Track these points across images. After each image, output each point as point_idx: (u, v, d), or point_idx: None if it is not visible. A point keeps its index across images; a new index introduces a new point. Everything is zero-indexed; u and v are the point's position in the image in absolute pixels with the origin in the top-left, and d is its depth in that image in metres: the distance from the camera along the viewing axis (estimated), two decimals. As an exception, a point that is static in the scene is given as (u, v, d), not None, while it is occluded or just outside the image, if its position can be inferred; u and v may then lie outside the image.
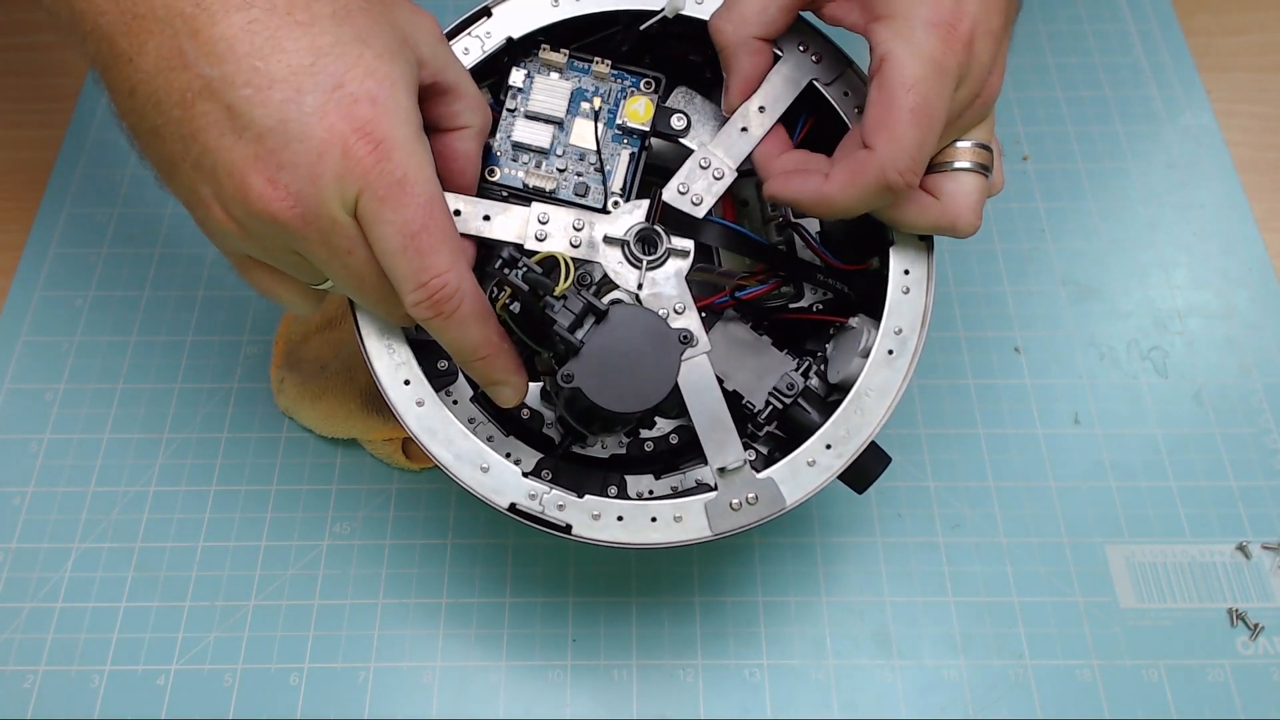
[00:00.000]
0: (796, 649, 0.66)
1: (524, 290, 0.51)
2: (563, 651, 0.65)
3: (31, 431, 0.72)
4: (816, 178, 0.52)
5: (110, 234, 0.80)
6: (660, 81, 0.59)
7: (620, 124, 0.59)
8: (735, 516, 0.53)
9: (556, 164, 0.58)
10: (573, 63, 0.59)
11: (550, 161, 0.58)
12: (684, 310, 0.55)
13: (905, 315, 0.56)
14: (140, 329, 0.76)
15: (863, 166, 0.50)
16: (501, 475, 0.53)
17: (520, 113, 0.58)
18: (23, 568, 0.67)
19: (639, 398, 0.50)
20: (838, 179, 0.51)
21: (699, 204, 0.56)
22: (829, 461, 0.54)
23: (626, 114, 0.58)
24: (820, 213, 0.53)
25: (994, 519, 0.70)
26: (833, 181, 0.51)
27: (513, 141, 0.57)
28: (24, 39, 0.91)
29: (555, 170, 0.58)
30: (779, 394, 0.57)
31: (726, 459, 0.53)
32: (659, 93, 0.59)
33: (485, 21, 0.58)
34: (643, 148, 0.59)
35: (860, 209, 0.52)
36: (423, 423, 0.53)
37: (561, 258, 0.53)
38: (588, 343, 0.50)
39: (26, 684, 0.63)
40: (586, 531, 0.53)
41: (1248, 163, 0.84)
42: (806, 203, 0.52)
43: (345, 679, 0.64)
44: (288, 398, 0.71)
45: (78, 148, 0.84)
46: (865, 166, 0.49)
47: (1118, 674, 0.65)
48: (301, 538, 0.69)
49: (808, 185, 0.52)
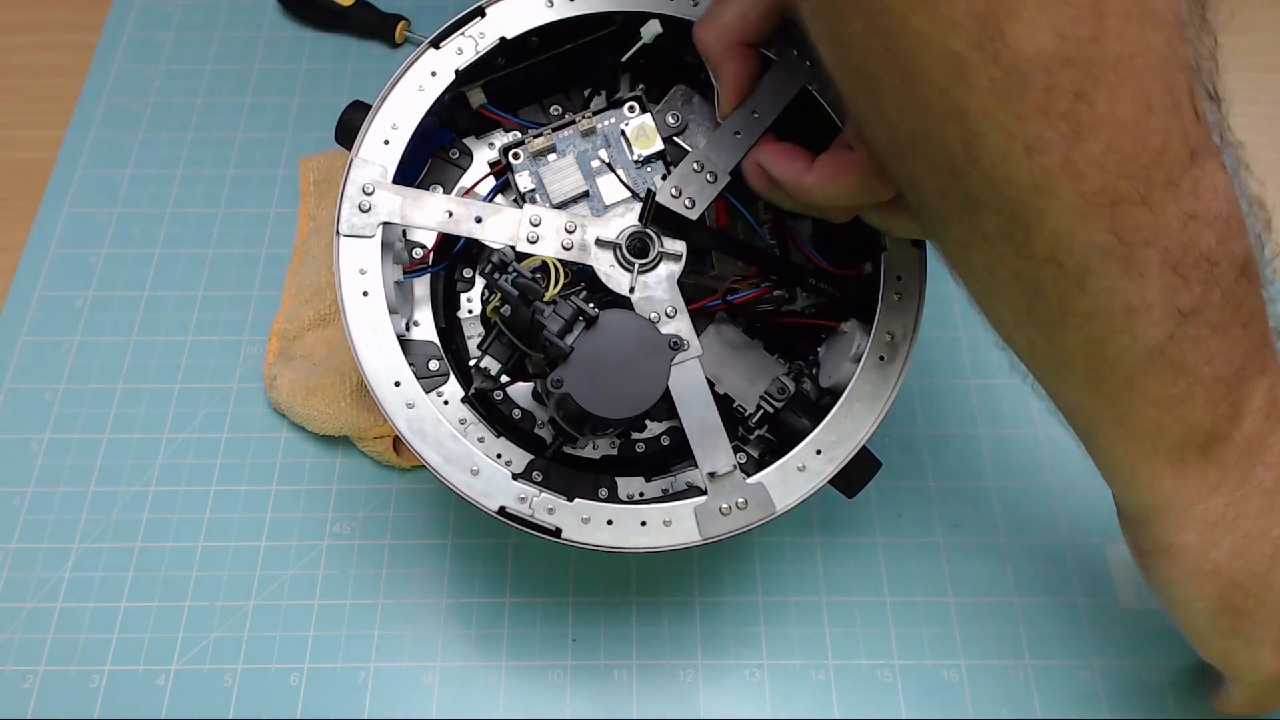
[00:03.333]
0: (796, 649, 0.65)
1: (513, 295, 0.51)
2: (563, 651, 0.65)
3: (31, 431, 0.72)
4: (800, 164, 0.52)
5: (110, 234, 0.80)
6: (641, 99, 0.60)
7: (636, 158, 0.59)
8: (724, 521, 0.53)
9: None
10: (559, 134, 0.59)
11: None
12: (675, 314, 0.55)
13: (897, 321, 0.55)
14: (140, 329, 0.76)
15: (846, 165, 0.50)
16: (491, 478, 0.53)
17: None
18: (23, 568, 0.67)
19: (628, 404, 0.50)
20: (819, 171, 0.51)
21: (692, 207, 0.55)
22: (819, 467, 0.54)
23: (635, 145, 0.59)
24: (797, 199, 0.53)
25: (994, 519, 0.69)
26: (814, 173, 0.51)
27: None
28: (24, 39, 0.91)
29: None
30: (770, 398, 0.57)
31: (716, 464, 0.53)
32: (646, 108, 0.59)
33: (479, 22, 0.58)
34: (668, 163, 0.60)
35: (836, 204, 0.52)
36: (412, 425, 0.53)
37: (551, 263, 0.52)
38: (577, 348, 0.50)
39: (26, 684, 0.64)
40: (576, 535, 0.53)
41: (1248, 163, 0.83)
42: (784, 183, 0.52)
43: (345, 679, 0.64)
44: (280, 394, 0.71)
45: (78, 148, 0.84)
46: (848, 165, 0.50)
47: (1118, 674, 0.65)
48: (301, 538, 0.68)
49: (789, 167, 0.52)
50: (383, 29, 0.89)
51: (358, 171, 0.56)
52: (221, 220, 0.81)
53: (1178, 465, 0.47)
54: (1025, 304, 0.44)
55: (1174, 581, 0.50)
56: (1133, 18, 0.37)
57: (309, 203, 0.80)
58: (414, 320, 0.61)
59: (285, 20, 0.91)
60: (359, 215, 0.55)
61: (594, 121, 0.59)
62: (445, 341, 0.61)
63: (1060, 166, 0.39)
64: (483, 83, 0.61)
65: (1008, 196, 0.40)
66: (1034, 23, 0.36)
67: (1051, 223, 0.40)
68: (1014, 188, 0.40)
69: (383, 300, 0.54)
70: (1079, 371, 0.45)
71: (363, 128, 0.56)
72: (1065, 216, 0.40)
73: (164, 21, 0.91)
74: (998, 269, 0.43)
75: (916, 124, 0.41)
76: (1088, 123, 0.38)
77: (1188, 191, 0.41)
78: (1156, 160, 0.39)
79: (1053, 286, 0.42)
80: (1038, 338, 0.45)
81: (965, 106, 0.38)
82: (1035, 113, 0.38)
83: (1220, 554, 0.48)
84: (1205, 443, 0.47)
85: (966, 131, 0.39)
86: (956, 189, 0.42)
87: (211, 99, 0.87)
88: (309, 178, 0.81)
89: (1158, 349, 0.43)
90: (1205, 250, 0.42)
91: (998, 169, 0.39)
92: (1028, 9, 0.36)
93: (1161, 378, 0.44)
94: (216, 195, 0.82)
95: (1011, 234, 0.41)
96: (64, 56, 0.89)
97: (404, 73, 0.57)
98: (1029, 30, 0.36)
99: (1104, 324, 0.43)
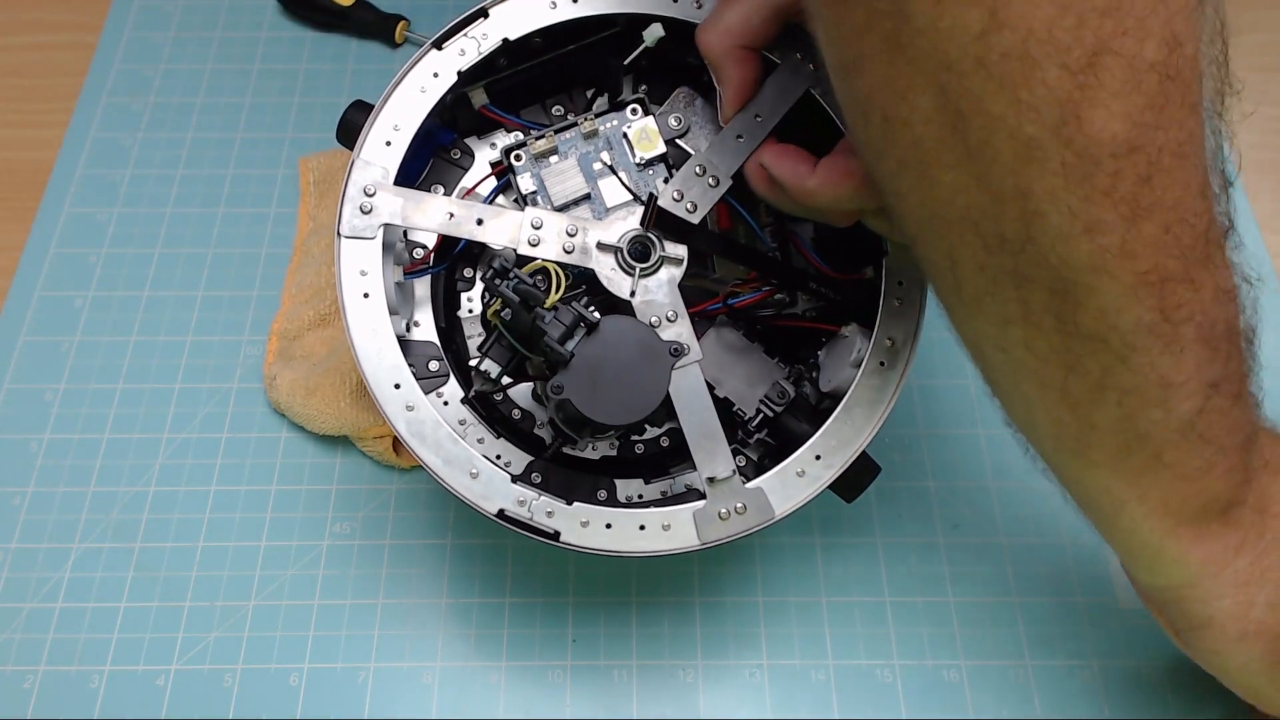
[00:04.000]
0: (796, 649, 0.65)
1: (514, 301, 0.51)
2: (563, 651, 0.65)
3: (31, 431, 0.72)
4: (803, 167, 0.52)
5: (110, 234, 0.80)
6: (644, 101, 0.60)
7: (638, 161, 0.59)
8: (723, 526, 0.53)
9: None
10: (561, 136, 0.59)
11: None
12: (676, 318, 0.55)
13: (898, 326, 0.55)
14: (140, 329, 0.76)
15: (849, 169, 0.50)
16: (490, 481, 0.53)
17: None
18: (23, 568, 0.67)
19: (628, 410, 0.50)
20: (822, 175, 0.51)
21: (694, 211, 0.55)
22: (818, 472, 0.54)
23: (638, 148, 0.59)
24: (799, 202, 0.53)
25: (994, 519, 0.70)
26: (817, 176, 0.51)
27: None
28: (24, 39, 0.91)
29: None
30: (770, 402, 0.57)
31: (716, 469, 0.53)
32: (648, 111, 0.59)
33: (482, 23, 0.58)
34: (670, 166, 0.59)
35: (839, 208, 0.52)
36: (412, 427, 0.53)
37: (552, 269, 0.52)
38: (578, 354, 0.50)
39: (26, 684, 0.64)
40: (574, 539, 0.53)
41: (1248, 163, 0.83)
42: (787, 186, 0.53)
43: (345, 679, 0.64)
44: (279, 394, 0.71)
45: (78, 148, 0.84)
46: (852, 170, 0.50)
47: (1118, 674, 0.65)
48: (301, 538, 0.69)
49: (792, 170, 0.52)
50: (383, 29, 0.89)
51: (359, 173, 0.56)
52: (221, 220, 0.81)
53: (1201, 535, 0.48)
54: (1060, 379, 0.44)
55: (1222, 652, 0.51)
56: (1187, 106, 0.38)
57: (309, 202, 0.80)
58: (414, 320, 0.61)
59: (285, 20, 0.91)
60: (360, 217, 0.55)
61: (596, 124, 0.59)
62: (446, 341, 0.61)
63: (1118, 247, 0.39)
64: (485, 83, 0.61)
65: (1062, 275, 0.40)
66: (1110, 109, 0.37)
67: (1101, 299, 0.41)
68: (1069, 267, 0.40)
69: (383, 302, 0.54)
70: (1108, 449, 0.46)
71: (364, 129, 0.56)
72: (1117, 294, 0.40)
73: (164, 21, 0.91)
74: (1037, 344, 0.44)
75: (973, 200, 0.41)
76: (1146, 206, 0.39)
77: (1220, 267, 0.42)
78: (1201, 240, 0.41)
79: (1094, 362, 0.43)
80: (1067, 416, 0.46)
81: (1031, 187, 0.39)
82: (1100, 195, 0.38)
83: (1259, 611, 0.49)
84: (1224, 509, 0.48)
85: (1028, 210, 0.39)
86: (1005, 265, 0.42)
87: (211, 99, 0.87)
88: (309, 178, 0.81)
89: (1188, 423, 0.44)
90: (1230, 323, 0.43)
91: (1056, 248, 0.40)
92: (1106, 96, 0.37)
93: (1190, 450, 0.45)
94: (216, 195, 0.82)
95: (1059, 310, 0.42)
96: (64, 56, 0.89)
97: (406, 73, 0.57)
98: (1105, 117, 0.37)
99: (1139, 399, 0.43)
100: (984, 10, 0.36)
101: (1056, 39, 0.36)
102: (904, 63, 0.39)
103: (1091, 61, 0.36)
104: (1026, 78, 0.36)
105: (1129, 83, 0.37)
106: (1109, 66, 0.36)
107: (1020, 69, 0.36)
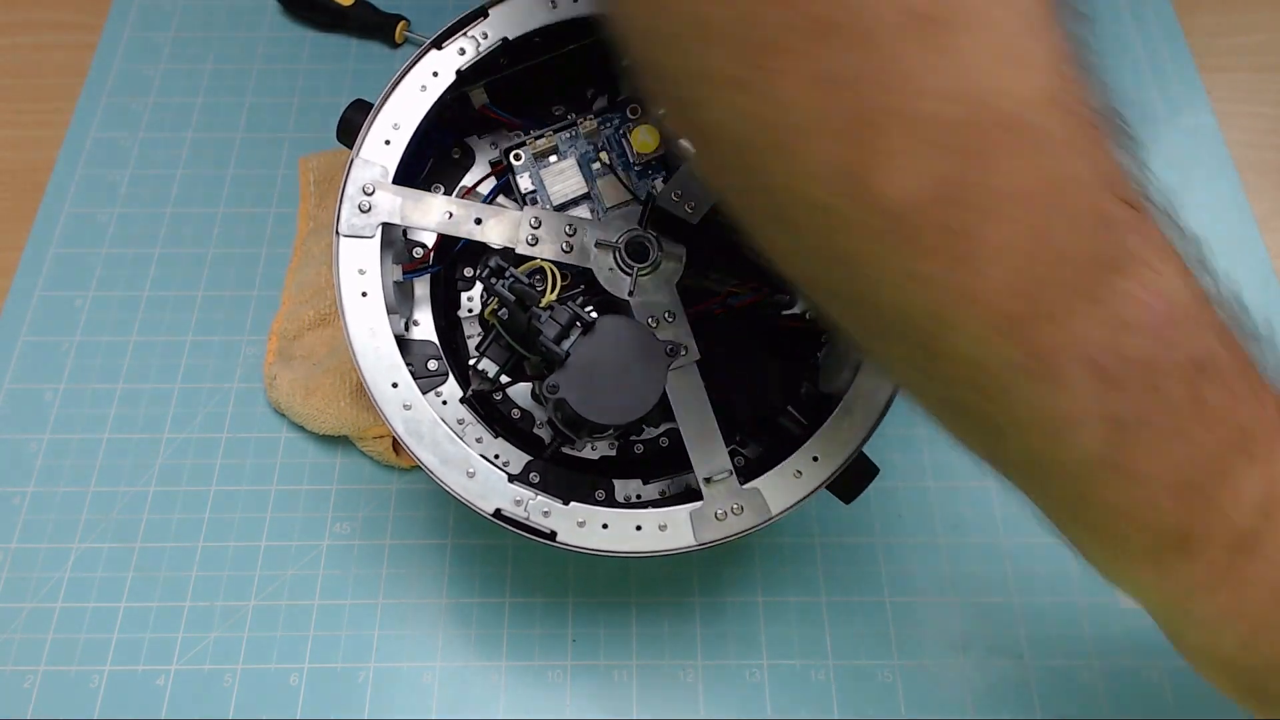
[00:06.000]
0: (796, 649, 0.65)
1: (510, 300, 0.51)
2: (563, 651, 0.65)
3: (31, 431, 0.72)
4: None
5: (110, 234, 0.80)
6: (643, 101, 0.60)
7: (637, 161, 0.59)
8: (720, 526, 0.53)
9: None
10: (560, 135, 0.59)
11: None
12: (674, 317, 0.55)
13: (897, 325, 0.55)
14: (140, 329, 0.76)
15: None
16: (488, 480, 0.53)
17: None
18: (23, 568, 0.67)
19: (623, 411, 0.50)
20: None
21: (693, 210, 0.55)
22: (816, 473, 0.53)
23: (637, 149, 0.59)
24: None
25: (994, 519, 0.69)
26: None
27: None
28: (24, 39, 0.91)
29: None
30: (768, 402, 0.57)
31: (712, 469, 0.53)
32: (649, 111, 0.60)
33: (482, 22, 0.58)
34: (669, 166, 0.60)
35: None
36: (409, 426, 0.53)
37: (549, 268, 0.52)
38: (573, 353, 0.50)
39: (26, 684, 0.64)
40: (571, 539, 0.53)
41: (1248, 163, 0.83)
42: None
43: (345, 679, 0.64)
44: (279, 394, 0.71)
45: (78, 148, 0.84)
46: None
47: (1118, 674, 0.65)
48: (301, 538, 0.68)
49: None
50: (383, 29, 0.89)
51: (358, 171, 0.56)
52: (221, 220, 0.80)
53: (1156, 565, 0.44)
54: (955, 422, 0.43)
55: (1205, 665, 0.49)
56: (1021, 151, 0.36)
57: (309, 202, 0.80)
58: (414, 320, 0.61)
59: (285, 20, 0.91)
60: (359, 215, 0.55)
61: (596, 123, 0.59)
62: (445, 341, 0.61)
63: (956, 298, 0.37)
64: (485, 82, 0.61)
65: (911, 327, 0.39)
66: (903, 171, 0.35)
67: (959, 348, 0.39)
68: (914, 319, 0.38)
69: (381, 301, 0.54)
70: (1032, 481, 0.44)
71: (364, 128, 0.56)
72: (969, 344, 0.38)
73: (164, 21, 0.91)
74: (926, 391, 0.43)
75: (804, 267, 0.40)
76: (980, 255, 0.36)
77: (1115, 299, 0.39)
78: (1064, 279, 0.38)
79: (976, 406, 0.41)
80: (983, 452, 0.44)
81: (847, 251, 0.37)
82: (922, 252, 0.36)
83: (1228, 650, 0.46)
84: (1181, 544, 0.44)
85: (853, 272, 0.38)
86: (860, 319, 0.41)
87: (211, 99, 0.87)
88: (309, 177, 0.81)
89: (1099, 459, 0.41)
90: (1141, 356, 0.40)
91: (895, 303, 0.38)
92: (893, 159, 0.35)
93: (1114, 486, 0.42)
94: (216, 195, 0.82)
95: (923, 363, 0.40)
96: (64, 56, 0.89)
97: (406, 73, 0.57)
98: (899, 178, 0.35)
99: (1037, 436, 0.41)
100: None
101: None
102: None
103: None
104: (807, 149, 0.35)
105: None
106: None
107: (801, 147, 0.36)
